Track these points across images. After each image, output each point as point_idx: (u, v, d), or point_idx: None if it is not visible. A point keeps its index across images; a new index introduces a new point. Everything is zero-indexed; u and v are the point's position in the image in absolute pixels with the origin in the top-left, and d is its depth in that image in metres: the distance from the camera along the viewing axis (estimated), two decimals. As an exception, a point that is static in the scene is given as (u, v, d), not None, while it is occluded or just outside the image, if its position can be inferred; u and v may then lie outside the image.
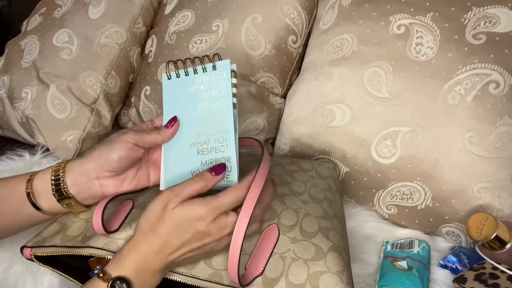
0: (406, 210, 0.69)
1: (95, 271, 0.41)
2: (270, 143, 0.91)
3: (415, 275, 0.56)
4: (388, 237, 0.69)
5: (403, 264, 0.59)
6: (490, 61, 0.62)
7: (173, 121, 0.53)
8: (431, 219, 0.67)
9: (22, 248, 0.50)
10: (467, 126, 0.62)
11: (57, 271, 0.50)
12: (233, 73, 0.51)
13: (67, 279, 0.51)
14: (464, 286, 0.51)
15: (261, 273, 0.46)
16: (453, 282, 0.54)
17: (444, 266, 0.62)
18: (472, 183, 0.62)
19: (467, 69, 0.63)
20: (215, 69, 0.52)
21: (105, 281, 0.40)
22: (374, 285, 0.59)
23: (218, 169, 0.46)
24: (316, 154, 0.76)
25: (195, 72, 0.53)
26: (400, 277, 0.56)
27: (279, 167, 0.64)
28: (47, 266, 0.50)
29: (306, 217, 0.52)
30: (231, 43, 0.85)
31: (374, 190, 0.71)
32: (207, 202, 0.42)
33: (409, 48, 0.68)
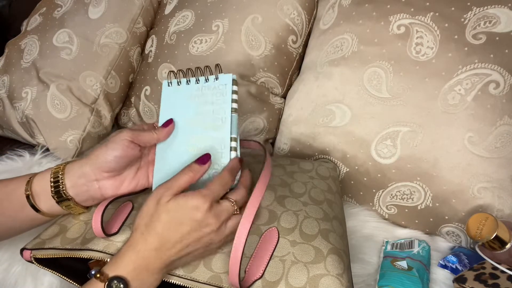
0: (406, 210, 0.69)
1: (93, 272, 0.41)
2: (270, 143, 0.91)
3: (415, 275, 0.56)
4: (388, 237, 0.69)
5: (403, 264, 0.59)
6: (490, 61, 0.62)
7: (169, 122, 0.54)
8: (431, 219, 0.67)
9: (22, 250, 0.50)
10: (467, 126, 0.62)
11: (57, 273, 0.50)
12: (234, 81, 0.53)
13: (66, 281, 0.51)
14: (464, 286, 0.51)
15: (261, 277, 0.45)
16: (453, 282, 0.54)
17: (444, 266, 0.62)
18: (472, 183, 0.62)
19: (467, 69, 0.63)
20: (217, 79, 0.53)
21: (102, 281, 0.40)
22: (374, 285, 0.59)
23: (204, 159, 0.48)
24: (316, 154, 0.76)
25: (197, 81, 0.55)
26: (400, 277, 0.56)
27: (279, 168, 0.64)
28: (46, 268, 0.50)
29: (306, 219, 0.52)
30: (231, 43, 0.85)
31: (374, 190, 0.71)
32: (198, 192, 0.44)
33: (409, 48, 0.67)
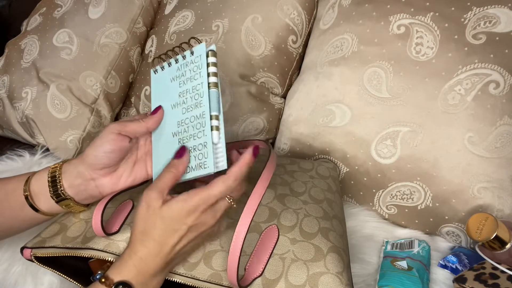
0: (406, 210, 0.69)
1: (97, 276, 0.41)
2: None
3: (415, 275, 0.56)
4: (388, 237, 0.69)
5: (403, 264, 0.59)
6: (490, 61, 0.62)
7: (157, 109, 0.52)
8: (431, 219, 0.67)
9: (22, 249, 0.50)
10: (467, 126, 0.62)
11: (57, 272, 0.50)
12: (211, 52, 0.49)
13: (66, 279, 0.51)
14: (464, 286, 0.51)
15: (261, 274, 0.46)
16: (453, 282, 0.54)
17: (444, 266, 0.62)
18: (472, 183, 0.62)
19: (467, 69, 0.63)
20: (192, 55, 0.50)
21: (107, 286, 0.40)
22: (374, 285, 0.59)
23: (180, 152, 0.46)
24: (316, 154, 0.76)
25: (176, 61, 0.52)
26: (400, 277, 0.56)
27: (280, 167, 0.64)
28: (47, 267, 0.50)
29: (306, 217, 0.52)
30: (231, 43, 0.85)
31: (374, 190, 0.71)
32: (194, 195, 0.42)
33: (409, 48, 0.68)
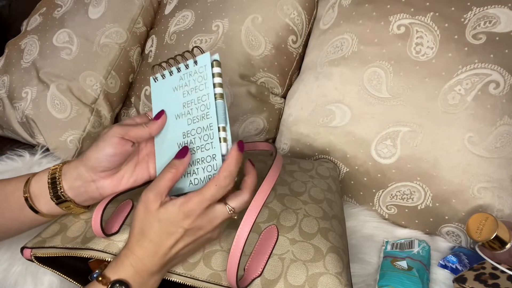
0: (406, 210, 0.69)
1: (94, 275, 0.41)
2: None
3: (415, 275, 0.56)
4: (388, 237, 0.69)
5: (403, 264, 0.59)
6: (490, 61, 0.62)
7: (160, 114, 0.52)
8: (431, 219, 0.67)
9: (22, 249, 0.50)
10: (467, 126, 0.62)
11: (57, 272, 0.50)
12: (216, 63, 0.48)
13: (66, 279, 0.51)
14: (464, 286, 0.51)
15: (260, 275, 0.46)
16: (453, 282, 0.54)
17: (444, 266, 0.62)
18: (472, 183, 0.62)
19: (467, 69, 0.63)
20: (196, 64, 0.50)
21: (104, 285, 0.40)
22: (374, 285, 0.59)
23: (182, 153, 0.46)
24: (316, 154, 0.76)
25: (179, 70, 0.52)
26: (400, 277, 0.56)
27: (279, 167, 0.64)
28: (46, 267, 0.50)
29: (306, 218, 0.52)
30: (231, 43, 0.85)
31: (374, 190, 0.71)
32: (189, 198, 0.42)
33: (409, 48, 0.67)
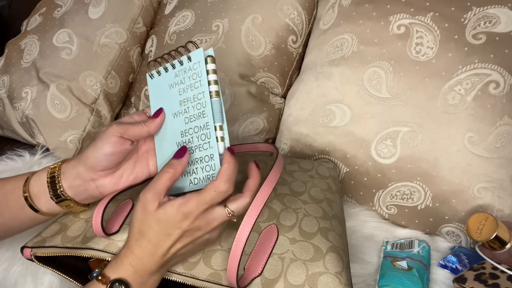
0: (406, 210, 0.69)
1: (94, 274, 0.41)
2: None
3: (415, 275, 0.56)
4: (388, 237, 0.69)
5: (403, 264, 0.59)
6: (490, 61, 0.62)
7: (159, 112, 0.51)
8: (431, 219, 0.67)
9: (22, 248, 0.50)
10: (467, 126, 0.62)
11: (57, 271, 0.50)
12: (210, 59, 0.47)
13: (66, 279, 0.51)
14: (464, 286, 0.51)
15: (260, 274, 0.46)
16: (453, 282, 0.54)
17: (444, 266, 0.62)
18: (472, 183, 0.62)
19: (467, 69, 0.63)
20: (190, 61, 0.48)
21: (104, 284, 0.40)
22: (374, 285, 0.59)
23: (180, 153, 0.46)
24: (316, 154, 0.76)
25: (173, 67, 0.50)
26: (400, 277, 0.56)
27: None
28: (47, 267, 0.50)
29: (306, 217, 0.52)
30: (231, 43, 0.85)
31: (374, 190, 0.71)
32: (188, 199, 0.42)
33: (409, 48, 0.67)
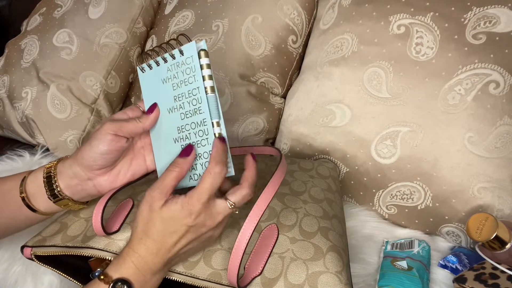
0: (406, 210, 0.69)
1: (96, 273, 0.41)
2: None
3: (415, 275, 0.56)
4: (388, 237, 0.69)
5: (403, 264, 0.59)
6: (490, 61, 0.62)
7: (153, 107, 0.50)
8: (431, 219, 0.67)
9: (22, 248, 0.50)
10: (467, 126, 0.62)
11: (57, 270, 0.50)
12: (203, 52, 0.45)
13: (67, 278, 0.51)
14: (464, 286, 0.51)
15: (260, 273, 0.45)
16: (453, 282, 0.54)
17: (444, 266, 0.62)
18: (472, 183, 0.62)
19: (467, 69, 0.63)
20: (182, 55, 0.46)
21: (106, 283, 0.40)
22: (374, 285, 0.59)
23: (187, 151, 0.45)
24: (316, 154, 0.76)
25: (165, 60, 0.49)
26: (400, 277, 0.56)
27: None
28: (47, 266, 0.50)
29: (306, 217, 0.52)
30: (231, 43, 0.85)
31: (374, 190, 0.71)
32: (189, 196, 0.42)
33: (409, 48, 0.68)
